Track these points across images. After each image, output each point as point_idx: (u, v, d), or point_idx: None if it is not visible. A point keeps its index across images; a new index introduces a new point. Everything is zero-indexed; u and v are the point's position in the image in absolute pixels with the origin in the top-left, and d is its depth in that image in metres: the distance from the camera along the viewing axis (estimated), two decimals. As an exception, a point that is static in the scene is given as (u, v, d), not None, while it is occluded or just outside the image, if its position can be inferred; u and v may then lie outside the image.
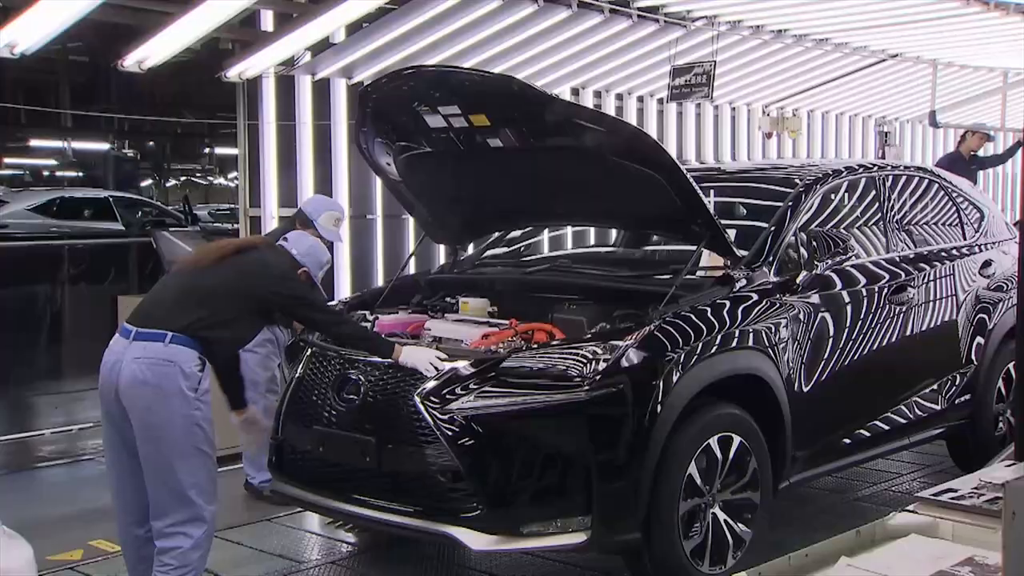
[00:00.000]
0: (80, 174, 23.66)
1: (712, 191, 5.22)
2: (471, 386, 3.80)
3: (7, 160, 23.68)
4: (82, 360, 8.37)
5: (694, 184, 4.15)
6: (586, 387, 3.72)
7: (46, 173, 24.08)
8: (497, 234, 5.51)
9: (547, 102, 4.09)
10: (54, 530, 4.96)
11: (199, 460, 3.57)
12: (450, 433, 3.73)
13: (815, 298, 4.54)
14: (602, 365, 3.75)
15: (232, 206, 19.79)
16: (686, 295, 4.11)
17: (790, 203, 4.72)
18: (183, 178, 30.87)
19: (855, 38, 9.65)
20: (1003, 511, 2.36)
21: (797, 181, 4.90)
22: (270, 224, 7.20)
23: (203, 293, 3.65)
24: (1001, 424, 5.64)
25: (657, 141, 4.35)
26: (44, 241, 13.46)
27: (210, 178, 31.21)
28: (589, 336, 3.99)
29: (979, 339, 5.49)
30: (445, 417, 3.75)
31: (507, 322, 4.26)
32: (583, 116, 4.22)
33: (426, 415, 3.77)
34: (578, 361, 3.78)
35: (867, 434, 4.89)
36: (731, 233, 4.50)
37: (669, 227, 4.74)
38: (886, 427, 5.00)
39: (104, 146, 23.78)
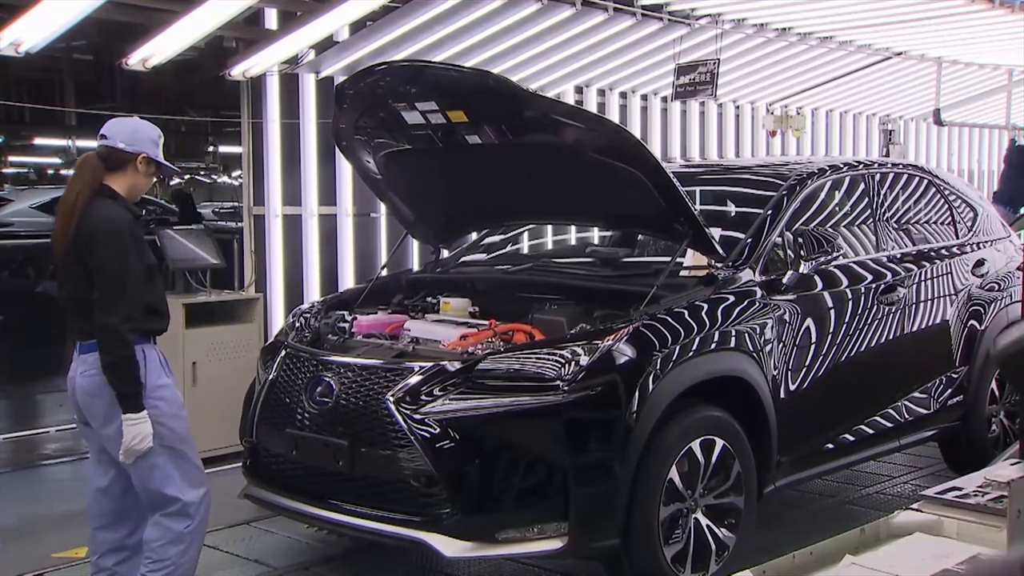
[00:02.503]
0: (84, 172, 23.65)
1: (698, 189, 5.16)
2: (446, 388, 3.72)
3: (12, 158, 23.68)
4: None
5: (676, 182, 4.08)
6: (563, 389, 3.65)
7: (51, 171, 24.07)
8: (481, 232, 5.45)
9: (525, 97, 4.02)
10: (59, 527, 4.97)
11: (168, 458, 3.47)
12: (423, 437, 3.66)
13: (802, 298, 4.45)
14: (580, 367, 3.68)
15: (236, 204, 19.81)
16: (668, 295, 4.04)
17: (777, 201, 4.64)
18: (187, 176, 30.86)
19: (859, 36, 9.64)
20: (1008, 509, 2.36)
21: (784, 179, 4.82)
22: (274, 224, 7.21)
23: (69, 286, 3.44)
24: (994, 426, 5.56)
25: (638, 138, 4.26)
26: (49, 239, 13.47)
27: (214, 176, 31.19)
28: (568, 337, 3.90)
29: (971, 340, 5.40)
30: (419, 420, 3.68)
31: (486, 323, 4.19)
32: (562, 112, 4.15)
33: (399, 418, 3.70)
34: (555, 363, 3.71)
35: (856, 437, 4.80)
36: (716, 232, 4.42)
37: (652, 225, 4.66)
38: (876, 430, 4.91)
39: (108, 144, 23.79)
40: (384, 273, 5.35)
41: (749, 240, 4.46)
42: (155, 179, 3.63)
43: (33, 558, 4.56)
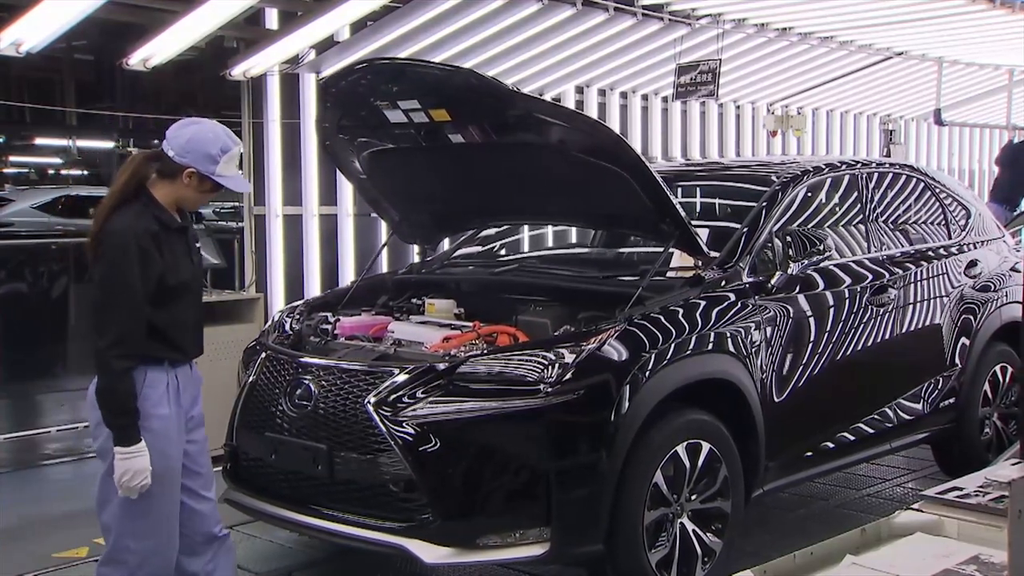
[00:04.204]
0: (85, 172, 23.66)
1: (687, 189, 5.10)
2: (426, 391, 3.65)
3: (12, 158, 23.70)
4: (88, 358, 8.38)
5: (661, 181, 4.02)
6: (545, 392, 3.57)
7: (51, 171, 24.07)
8: (468, 233, 5.38)
9: (508, 96, 3.93)
10: (60, 527, 4.97)
11: (128, 497, 3.10)
12: (403, 441, 3.59)
13: (790, 299, 4.37)
14: (563, 369, 3.60)
15: (236, 204, 19.85)
16: (654, 296, 3.97)
17: (765, 201, 4.57)
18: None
19: (860, 36, 9.65)
20: (1009, 509, 2.35)
21: (774, 179, 4.75)
22: (274, 224, 7.22)
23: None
24: (987, 428, 5.49)
25: (622, 137, 4.20)
26: (49, 239, 13.48)
27: (215, 176, 31.23)
28: (552, 339, 3.83)
29: (964, 341, 5.33)
30: (398, 424, 3.61)
31: (470, 324, 4.13)
32: (546, 111, 4.07)
33: (379, 422, 3.63)
34: (537, 365, 3.63)
35: (845, 440, 4.73)
36: (704, 232, 4.35)
37: (638, 226, 4.58)
38: (866, 433, 4.83)
39: (109, 144, 23.80)
40: (385, 271, 5.32)
41: (737, 241, 4.40)
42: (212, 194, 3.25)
43: (34, 558, 4.56)
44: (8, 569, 4.43)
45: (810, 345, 4.47)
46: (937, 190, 5.64)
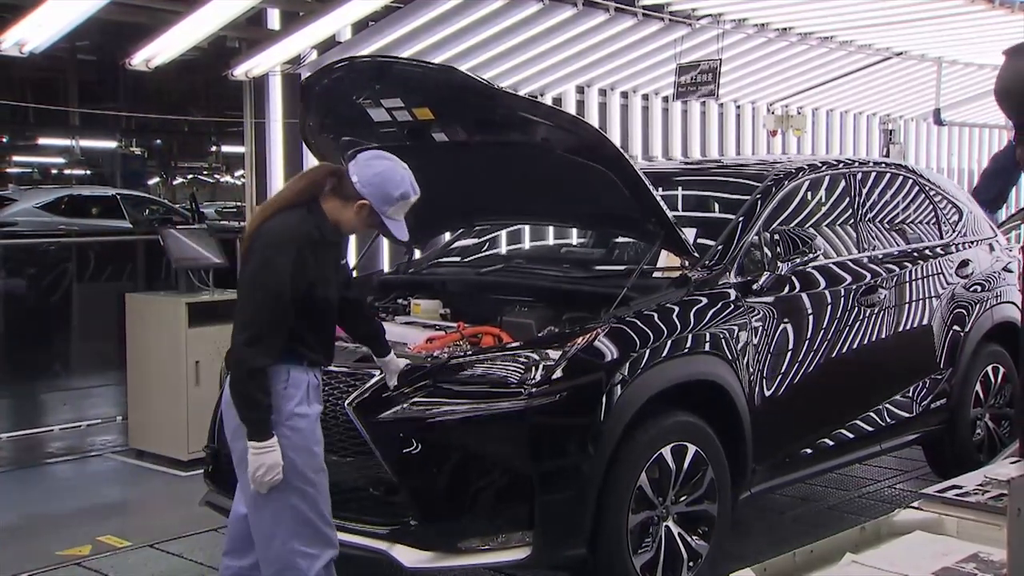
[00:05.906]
0: (88, 172, 23.72)
1: (674, 188, 5.05)
2: (407, 393, 3.58)
3: (16, 158, 23.75)
4: (90, 356, 8.41)
5: (646, 181, 3.97)
6: (528, 394, 3.51)
7: (54, 171, 24.12)
8: (456, 233, 5.35)
9: (492, 94, 3.87)
10: (62, 526, 4.99)
11: (287, 498, 3.07)
12: (384, 444, 3.53)
13: (779, 300, 4.31)
14: (546, 370, 3.54)
15: (239, 204, 19.84)
16: (639, 297, 3.91)
17: (754, 200, 4.51)
18: (190, 176, 30.91)
19: (860, 36, 9.67)
20: (1008, 508, 2.36)
21: (762, 178, 4.68)
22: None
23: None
24: (979, 429, 5.46)
25: (605, 135, 4.15)
26: (52, 238, 13.51)
27: (217, 176, 31.22)
28: (535, 340, 3.78)
29: (955, 341, 5.28)
30: (378, 427, 3.55)
31: (454, 325, 4.09)
32: (528, 109, 4.01)
33: (359, 425, 3.57)
34: (520, 367, 3.57)
35: (835, 442, 4.67)
36: (691, 232, 4.30)
37: (626, 226, 4.51)
38: (855, 434, 4.78)
39: (112, 144, 23.84)
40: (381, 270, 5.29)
41: (724, 240, 4.31)
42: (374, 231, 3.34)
43: (37, 556, 4.58)
44: (11, 567, 4.45)
45: (799, 346, 4.41)
46: (929, 190, 5.59)
